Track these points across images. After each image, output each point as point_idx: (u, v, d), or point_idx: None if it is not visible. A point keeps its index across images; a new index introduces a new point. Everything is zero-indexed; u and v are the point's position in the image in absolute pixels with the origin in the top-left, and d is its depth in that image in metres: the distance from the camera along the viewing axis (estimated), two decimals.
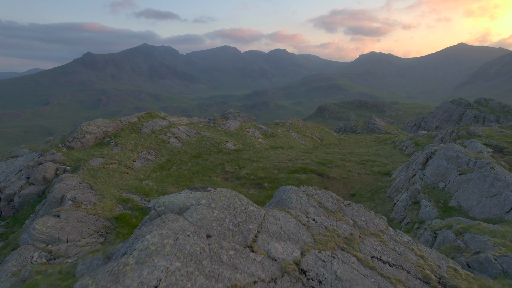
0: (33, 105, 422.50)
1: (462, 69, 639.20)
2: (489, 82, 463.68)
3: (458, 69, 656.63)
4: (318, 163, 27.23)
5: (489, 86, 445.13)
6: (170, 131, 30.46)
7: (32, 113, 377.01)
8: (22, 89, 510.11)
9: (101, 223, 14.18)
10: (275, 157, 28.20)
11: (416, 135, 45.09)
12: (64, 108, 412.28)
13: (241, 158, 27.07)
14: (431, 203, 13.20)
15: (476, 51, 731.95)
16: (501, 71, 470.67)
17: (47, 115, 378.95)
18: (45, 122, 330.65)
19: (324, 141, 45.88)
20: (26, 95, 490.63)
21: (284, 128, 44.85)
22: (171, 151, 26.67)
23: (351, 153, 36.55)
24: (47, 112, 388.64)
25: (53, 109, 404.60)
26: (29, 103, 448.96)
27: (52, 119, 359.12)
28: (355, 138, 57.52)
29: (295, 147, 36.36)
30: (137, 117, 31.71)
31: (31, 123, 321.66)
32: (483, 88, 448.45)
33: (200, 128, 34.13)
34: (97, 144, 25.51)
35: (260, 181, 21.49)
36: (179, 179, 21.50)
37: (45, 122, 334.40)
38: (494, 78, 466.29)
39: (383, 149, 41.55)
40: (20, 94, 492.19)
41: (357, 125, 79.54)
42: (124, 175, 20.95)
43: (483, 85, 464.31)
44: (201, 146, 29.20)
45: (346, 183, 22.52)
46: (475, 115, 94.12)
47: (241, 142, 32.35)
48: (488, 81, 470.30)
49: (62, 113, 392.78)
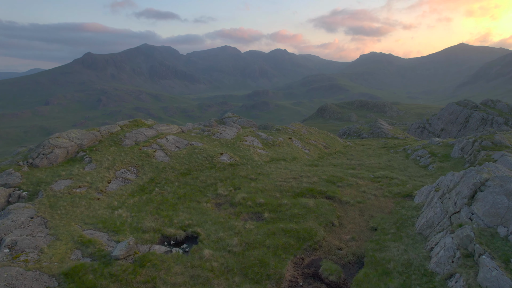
0: (33, 105, 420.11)
1: (463, 69, 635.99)
2: (490, 82, 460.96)
3: (458, 69, 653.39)
4: (327, 181, 23.42)
5: (490, 86, 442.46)
6: (156, 142, 26.65)
7: (32, 113, 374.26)
8: (22, 89, 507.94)
9: (41, 285, 10.40)
10: (276, 173, 24.39)
11: (430, 143, 41.31)
12: (64, 108, 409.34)
13: (238, 175, 23.27)
14: (496, 262, 9.47)
15: (477, 51, 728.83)
16: (502, 71, 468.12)
17: (47, 115, 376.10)
18: (45, 123, 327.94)
19: (329, 149, 42.09)
20: (26, 95, 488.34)
21: (286, 135, 41.08)
22: (155, 168, 22.86)
23: (361, 164, 32.78)
24: (47, 112, 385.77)
25: (53, 109, 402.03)
26: (29, 103, 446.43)
27: (52, 119, 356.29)
28: (361, 144, 53.78)
29: (298, 158, 32.56)
30: (120, 126, 27.87)
31: (31, 123, 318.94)
32: (484, 88, 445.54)
33: (192, 138, 30.32)
34: (68, 160, 21.69)
35: (259, 209, 17.68)
36: (161, 206, 17.70)
37: (45, 122, 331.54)
38: (495, 78, 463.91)
39: (395, 159, 37.76)
40: (20, 94, 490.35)
41: (362, 129, 75.76)
42: (94, 202, 17.15)
43: (484, 85, 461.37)
44: (192, 160, 25.40)
45: (363, 210, 18.71)
46: (482, 117, 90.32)
47: (238, 154, 28.55)
48: (489, 81, 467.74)
49: (62, 113, 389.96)
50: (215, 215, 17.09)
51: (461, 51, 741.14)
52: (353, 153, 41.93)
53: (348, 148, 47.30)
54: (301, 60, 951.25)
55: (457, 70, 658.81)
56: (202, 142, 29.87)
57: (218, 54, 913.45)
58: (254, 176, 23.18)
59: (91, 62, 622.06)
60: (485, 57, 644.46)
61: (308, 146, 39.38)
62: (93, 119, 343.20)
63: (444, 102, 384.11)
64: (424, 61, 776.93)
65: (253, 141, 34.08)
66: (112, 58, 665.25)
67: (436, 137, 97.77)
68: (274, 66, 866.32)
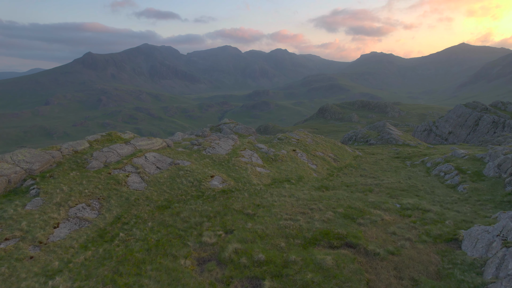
0: (33, 105, 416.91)
1: (464, 69, 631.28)
2: (491, 82, 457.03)
3: (459, 69, 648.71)
4: (344, 216, 18.38)
5: (491, 86, 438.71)
6: (132, 163, 21.58)
7: (32, 113, 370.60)
8: (23, 89, 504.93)
9: None
10: (280, 204, 19.33)
11: (454, 156, 36.23)
12: (64, 108, 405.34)
13: (231, 208, 18.21)
14: None
15: (478, 51, 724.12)
16: (503, 71, 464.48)
17: (47, 115, 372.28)
18: (45, 123, 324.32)
19: (339, 163, 37.02)
20: (26, 95, 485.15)
21: (290, 147, 36.02)
22: (125, 200, 17.80)
23: (379, 185, 27.72)
24: (47, 112, 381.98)
25: (53, 109, 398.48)
26: (29, 103, 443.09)
27: (52, 119, 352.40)
28: (371, 153, 48.75)
29: (305, 177, 27.48)
30: (89, 142, 22.76)
31: (31, 123, 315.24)
32: (485, 88, 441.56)
33: (178, 155, 25.23)
34: (9, 193, 16.60)
35: (258, 271, 12.62)
36: (120, 267, 12.63)
37: (45, 122, 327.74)
38: (496, 79, 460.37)
39: (415, 176, 32.70)
40: (20, 94, 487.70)
41: (369, 134, 70.69)
42: (22, 264, 12.08)
43: (485, 85, 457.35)
44: (174, 186, 20.34)
45: (399, 268, 13.64)
46: (493, 120, 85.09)
47: (232, 176, 23.48)
48: (490, 81, 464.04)
49: (62, 113, 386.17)
50: (197, 280, 12.07)
51: (462, 51, 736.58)
52: (365, 167, 36.87)
53: (358, 159, 42.26)
54: (302, 60, 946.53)
55: (458, 70, 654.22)
56: (190, 160, 24.80)
57: (218, 54, 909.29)
58: (251, 210, 18.11)
59: (91, 62, 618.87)
60: (486, 57, 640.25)
61: (315, 160, 34.31)
62: (93, 119, 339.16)
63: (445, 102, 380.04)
64: (425, 61, 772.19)
65: (251, 156, 29.02)
66: (112, 58, 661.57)
67: (444, 140, 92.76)
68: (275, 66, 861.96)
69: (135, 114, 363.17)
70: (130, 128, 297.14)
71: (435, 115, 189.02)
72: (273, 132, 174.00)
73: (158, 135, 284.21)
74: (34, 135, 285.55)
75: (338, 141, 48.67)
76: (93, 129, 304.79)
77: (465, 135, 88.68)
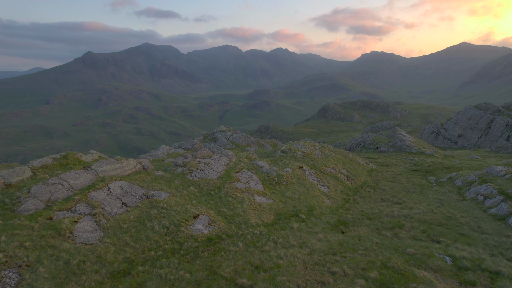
0: (33, 105, 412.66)
1: (465, 68, 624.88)
2: (493, 81, 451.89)
3: (461, 68, 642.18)
4: (381, 285, 12.78)
5: (493, 85, 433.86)
6: (88, 199, 15.87)
7: (32, 112, 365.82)
8: (23, 89, 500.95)
9: None
10: (288, 266, 13.65)
11: (490, 173, 30.53)
12: (64, 108, 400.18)
13: (217, 275, 12.55)
14: None
15: (479, 50, 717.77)
16: (504, 71, 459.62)
17: (47, 115, 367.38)
18: (44, 122, 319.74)
19: (353, 181, 31.32)
20: (26, 94, 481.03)
21: (295, 162, 30.34)
22: (63, 266, 12.13)
23: (408, 216, 22.00)
24: (47, 111, 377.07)
25: (53, 108, 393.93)
26: (29, 102, 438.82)
27: (52, 118, 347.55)
28: (385, 165, 43.16)
29: (317, 208, 21.79)
30: (32, 169, 16.99)
31: (31, 123, 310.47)
32: (486, 87, 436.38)
33: (155, 182, 19.51)
34: None
35: None
36: None
37: (44, 122, 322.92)
38: (498, 78, 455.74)
39: (447, 200, 26.99)
40: (21, 93, 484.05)
41: (379, 140, 65.03)
42: None
43: (486, 84, 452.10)
44: (142, 235, 14.66)
45: None
46: (507, 123, 79.34)
47: (223, 214, 17.80)
48: (492, 80, 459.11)
49: (62, 112, 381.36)
50: None
51: (463, 50, 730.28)
52: (384, 186, 31.21)
53: (373, 174, 36.58)
54: (302, 59, 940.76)
55: (459, 69, 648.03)
56: (170, 189, 19.09)
57: (219, 53, 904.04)
58: (247, 277, 12.42)
59: (91, 61, 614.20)
60: (487, 56, 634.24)
61: (326, 179, 28.62)
62: (93, 119, 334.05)
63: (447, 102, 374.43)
64: (426, 60, 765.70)
65: (249, 179, 23.33)
66: (112, 57, 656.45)
67: (453, 143, 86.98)
68: (275, 65, 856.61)
69: (135, 114, 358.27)
70: (130, 128, 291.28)
71: (437, 115, 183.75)
72: (274, 132, 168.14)
73: (158, 134, 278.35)
74: (34, 134, 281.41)
75: (347, 152, 43.09)
76: (93, 128, 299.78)
77: (476, 138, 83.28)
